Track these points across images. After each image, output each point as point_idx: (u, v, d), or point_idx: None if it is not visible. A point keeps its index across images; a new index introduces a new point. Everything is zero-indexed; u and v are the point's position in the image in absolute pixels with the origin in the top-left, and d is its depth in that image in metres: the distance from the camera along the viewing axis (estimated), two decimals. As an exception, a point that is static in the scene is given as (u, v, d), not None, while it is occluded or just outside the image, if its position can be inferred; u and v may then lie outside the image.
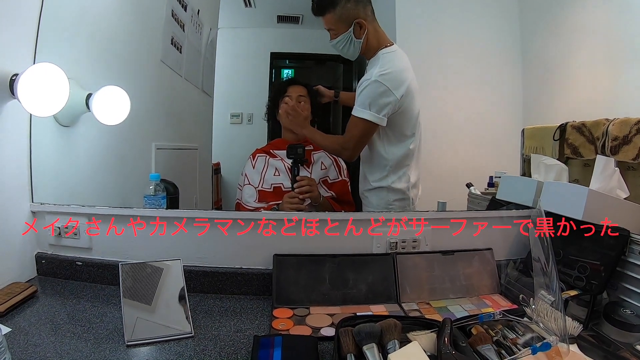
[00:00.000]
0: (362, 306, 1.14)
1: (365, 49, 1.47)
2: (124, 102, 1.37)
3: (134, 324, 0.94)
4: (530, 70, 2.17)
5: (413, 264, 1.22)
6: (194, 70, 2.32)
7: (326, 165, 1.71)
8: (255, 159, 1.72)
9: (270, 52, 3.44)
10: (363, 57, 1.50)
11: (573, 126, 1.49)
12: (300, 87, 1.76)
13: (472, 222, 1.32)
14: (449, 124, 2.10)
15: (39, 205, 1.28)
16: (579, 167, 1.47)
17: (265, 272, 1.21)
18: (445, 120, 2.08)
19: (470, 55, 2.20)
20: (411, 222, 1.28)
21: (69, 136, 1.38)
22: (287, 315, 1.08)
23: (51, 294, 1.17)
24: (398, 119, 1.47)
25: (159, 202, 1.32)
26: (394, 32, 2.19)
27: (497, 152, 2.22)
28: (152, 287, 0.98)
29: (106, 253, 1.27)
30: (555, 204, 1.18)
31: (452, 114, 2.09)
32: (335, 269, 1.19)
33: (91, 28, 1.46)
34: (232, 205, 1.80)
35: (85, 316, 1.04)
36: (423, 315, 1.09)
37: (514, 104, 2.24)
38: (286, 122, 1.62)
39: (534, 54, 2.16)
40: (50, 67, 1.07)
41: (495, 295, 1.22)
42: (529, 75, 2.17)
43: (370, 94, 1.40)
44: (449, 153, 2.02)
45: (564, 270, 1.11)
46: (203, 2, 2.33)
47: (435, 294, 1.20)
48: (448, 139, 2.09)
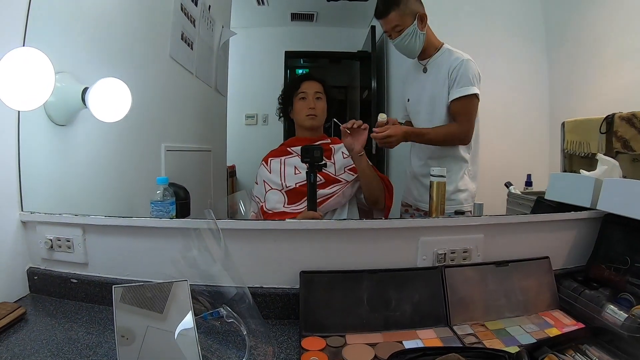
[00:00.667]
0: (407, 331, 0.98)
1: (427, 42, 1.55)
2: (124, 97, 1.22)
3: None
4: (558, 50, 2.10)
5: (464, 278, 1.06)
6: (207, 68, 2.24)
7: (346, 154, 1.57)
8: (269, 164, 1.59)
9: (285, 51, 3.36)
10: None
11: (622, 117, 1.41)
12: (316, 83, 1.63)
13: (527, 227, 1.19)
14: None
15: (29, 215, 1.15)
16: (627, 163, 1.39)
17: (291, 293, 1.05)
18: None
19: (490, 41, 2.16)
20: (462, 229, 1.12)
21: (65, 136, 1.25)
22: (319, 346, 0.91)
23: (42, 316, 1.05)
24: None
25: (167, 208, 1.18)
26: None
27: (524, 147, 2.17)
28: (152, 317, 0.81)
29: (104, 269, 1.13)
30: (619, 205, 1.09)
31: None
32: (374, 287, 1.01)
33: (89, 16, 1.33)
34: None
35: (77, 347, 0.90)
36: (480, 340, 0.94)
37: (539, 93, 2.14)
38: (381, 145, 1.53)
39: (561, 32, 2.07)
40: (32, 52, 0.92)
41: (556, 311, 1.06)
42: (555, 57, 2.08)
43: (472, 71, 1.49)
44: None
45: (633, 280, 1.01)
46: (214, -2, 2.21)
47: (490, 313, 1.04)
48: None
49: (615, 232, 1.10)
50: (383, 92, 2.95)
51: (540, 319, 1.03)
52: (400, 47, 1.55)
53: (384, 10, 1.51)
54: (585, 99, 1.86)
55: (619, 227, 1.10)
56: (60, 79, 1.12)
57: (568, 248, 1.20)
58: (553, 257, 1.12)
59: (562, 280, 1.11)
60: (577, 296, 1.05)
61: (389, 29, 1.53)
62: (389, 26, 1.52)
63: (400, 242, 1.09)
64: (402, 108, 1.77)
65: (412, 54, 1.58)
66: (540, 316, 1.04)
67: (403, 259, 1.09)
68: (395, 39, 1.53)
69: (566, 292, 1.08)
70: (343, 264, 1.05)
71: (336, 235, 1.08)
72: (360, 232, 1.09)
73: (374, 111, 3.00)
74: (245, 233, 1.08)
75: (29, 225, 1.16)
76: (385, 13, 1.51)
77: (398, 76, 2.72)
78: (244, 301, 0.93)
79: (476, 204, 1.50)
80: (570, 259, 1.20)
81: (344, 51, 3.43)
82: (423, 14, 1.51)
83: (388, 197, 1.52)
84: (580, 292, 1.05)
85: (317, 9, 3.19)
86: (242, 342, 0.87)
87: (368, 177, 1.47)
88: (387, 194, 1.52)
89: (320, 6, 3.11)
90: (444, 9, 2.09)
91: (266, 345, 0.88)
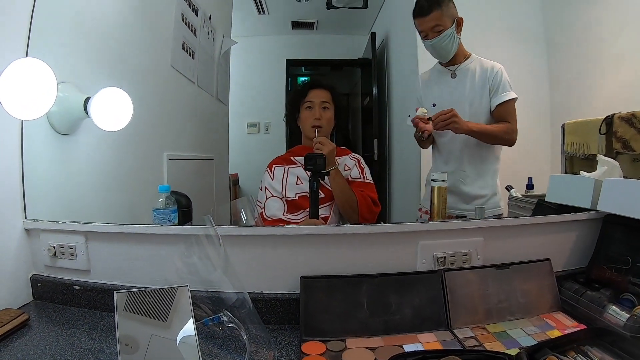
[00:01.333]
0: (408, 335, 0.97)
1: (459, 48, 1.59)
2: (125, 106, 1.24)
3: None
4: (558, 52, 2.09)
5: (464, 281, 1.05)
6: (208, 77, 2.26)
7: (349, 166, 1.56)
8: (272, 171, 1.59)
9: (286, 59, 3.38)
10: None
11: (621, 117, 1.39)
12: (324, 91, 1.60)
13: (527, 230, 1.18)
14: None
15: (33, 222, 1.16)
16: (628, 163, 1.38)
17: (291, 298, 1.04)
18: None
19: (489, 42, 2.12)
20: (462, 232, 1.11)
21: (67, 145, 1.26)
22: (319, 351, 0.91)
23: (45, 323, 1.05)
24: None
25: (169, 215, 1.19)
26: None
27: (524, 150, 2.11)
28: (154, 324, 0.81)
29: (106, 276, 1.13)
30: (619, 205, 1.09)
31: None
32: (374, 292, 1.01)
33: (91, 28, 1.35)
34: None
35: (80, 353, 0.90)
36: (481, 343, 0.93)
37: (539, 96, 2.14)
38: (440, 127, 1.50)
39: (561, 33, 2.08)
40: (34, 63, 0.93)
41: (557, 313, 1.06)
42: (555, 58, 2.10)
43: (507, 78, 1.56)
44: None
45: (635, 280, 0.99)
46: (215, 8, 2.26)
47: (492, 316, 1.04)
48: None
49: (616, 233, 1.10)
50: (384, 99, 2.95)
51: (541, 321, 1.02)
52: (437, 47, 1.55)
53: (427, 8, 1.51)
54: (585, 100, 1.85)
55: (619, 227, 1.09)
56: (63, 88, 1.13)
57: (569, 249, 1.19)
58: (554, 258, 1.11)
59: (564, 281, 1.10)
60: (579, 297, 1.04)
61: (427, 29, 1.53)
62: (428, 25, 1.52)
63: (400, 246, 1.09)
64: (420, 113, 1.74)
65: (446, 57, 1.59)
66: (541, 318, 1.03)
67: (403, 263, 1.08)
68: (432, 39, 1.54)
69: (567, 293, 1.08)
70: (343, 269, 1.05)
71: (335, 240, 1.08)
72: (359, 237, 1.09)
73: (376, 118, 3.00)
74: (246, 239, 1.08)
75: (33, 233, 1.17)
76: (428, 12, 1.51)
77: (399, 83, 2.73)
78: (245, 307, 0.93)
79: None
80: (571, 260, 1.19)
81: (345, 58, 3.45)
82: (461, 19, 1.55)
83: (364, 212, 1.46)
84: (582, 293, 1.05)
85: (318, 17, 3.21)
86: (243, 348, 0.87)
87: (335, 189, 1.45)
88: (361, 210, 1.46)
89: (321, 14, 3.12)
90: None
91: (267, 350, 0.88)
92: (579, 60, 1.96)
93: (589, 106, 1.80)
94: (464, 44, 1.61)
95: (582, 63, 1.93)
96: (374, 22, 3.16)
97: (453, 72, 1.63)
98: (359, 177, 1.54)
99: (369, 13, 3.01)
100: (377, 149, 2.93)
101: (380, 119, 2.96)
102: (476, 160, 1.61)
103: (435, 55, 1.61)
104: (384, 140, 2.90)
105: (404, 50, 2.58)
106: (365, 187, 1.51)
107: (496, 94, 1.56)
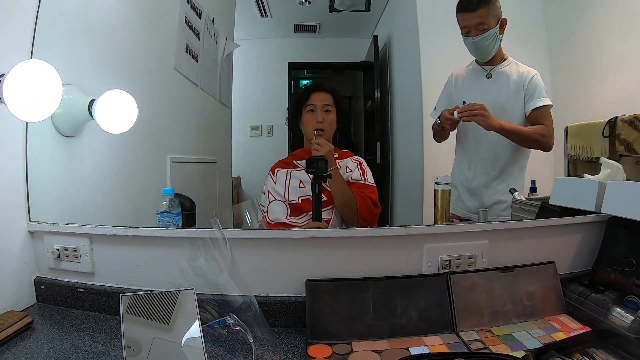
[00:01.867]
0: (414, 338, 0.97)
1: (498, 49, 1.59)
2: (130, 108, 1.24)
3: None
4: (560, 54, 2.09)
5: (470, 284, 1.05)
6: (211, 80, 2.26)
7: (351, 168, 1.56)
8: (275, 174, 1.59)
9: (288, 62, 3.39)
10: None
11: (624, 120, 1.38)
12: (326, 94, 1.60)
13: (532, 233, 1.17)
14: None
15: (37, 225, 1.15)
16: (631, 166, 1.36)
17: (297, 301, 1.04)
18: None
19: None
20: (467, 235, 1.11)
21: (72, 147, 1.26)
22: (326, 354, 0.90)
23: (49, 325, 1.05)
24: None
25: (173, 218, 1.18)
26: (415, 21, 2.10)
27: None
28: (158, 327, 0.81)
29: (110, 279, 1.13)
30: (623, 207, 1.08)
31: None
32: (379, 295, 1.01)
33: (95, 30, 1.35)
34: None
35: (84, 356, 0.90)
36: (487, 346, 0.93)
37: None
38: (467, 116, 1.51)
39: (563, 36, 2.08)
40: (39, 64, 0.93)
41: (562, 316, 1.05)
42: (558, 61, 2.09)
43: (542, 84, 1.56)
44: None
45: (639, 283, 1.00)
46: (218, 11, 2.26)
47: (497, 318, 1.03)
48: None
49: (620, 235, 1.10)
50: (387, 102, 2.95)
51: (546, 323, 1.02)
52: (479, 45, 1.55)
53: (476, 4, 1.50)
54: (588, 103, 1.85)
55: (623, 229, 1.09)
56: (68, 90, 1.13)
57: (573, 252, 1.19)
58: (558, 261, 1.11)
59: (568, 284, 1.10)
60: (584, 300, 1.04)
61: (471, 25, 1.52)
62: (473, 22, 1.51)
63: (405, 250, 1.08)
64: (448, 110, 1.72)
65: (486, 56, 1.59)
66: (546, 321, 1.03)
67: (408, 266, 1.08)
68: (475, 37, 1.53)
69: (572, 296, 1.07)
70: (348, 272, 1.04)
71: (341, 243, 1.08)
72: (365, 240, 1.09)
73: (378, 121, 3.00)
74: (251, 242, 1.08)
75: (37, 235, 1.16)
76: (476, 8, 1.50)
77: (401, 86, 2.73)
78: (251, 310, 0.93)
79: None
80: (575, 263, 1.18)
81: (347, 61, 3.45)
82: (505, 20, 1.53)
83: (364, 213, 1.46)
84: (587, 295, 1.04)
85: (320, 20, 3.22)
86: (249, 351, 0.87)
87: (334, 191, 1.45)
88: (361, 211, 1.45)
89: (323, 17, 3.14)
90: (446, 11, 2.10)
91: (273, 353, 0.88)
92: (581, 62, 1.96)
93: (592, 109, 1.80)
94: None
95: (584, 65, 1.93)
96: (377, 25, 3.17)
97: (489, 72, 1.63)
98: (359, 179, 1.53)
99: (371, 16, 3.01)
100: (379, 151, 2.93)
101: (383, 122, 2.96)
102: (501, 165, 1.61)
103: (474, 54, 1.61)
104: (387, 143, 2.90)
105: (406, 54, 2.59)
106: (366, 188, 1.50)
107: (531, 98, 1.56)
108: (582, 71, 1.94)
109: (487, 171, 1.62)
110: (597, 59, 1.85)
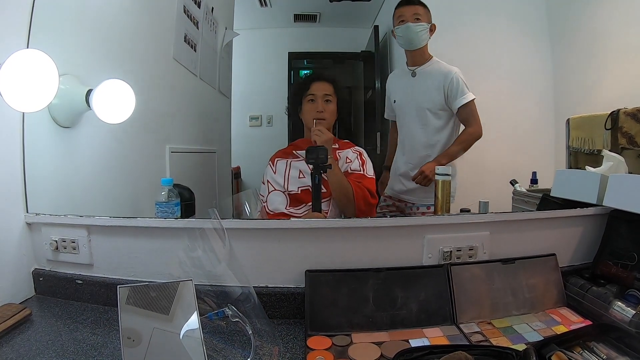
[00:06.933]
0: (414, 330, 0.97)
1: (422, 50, 1.75)
2: (128, 98, 1.23)
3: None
4: (562, 46, 2.10)
5: (470, 276, 1.05)
6: (210, 70, 2.24)
7: (351, 159, 1.55)
8: (275, 164, 1.57)
9: (288, 52, 3.36)
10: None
11: (627, 113, 1.39)
12: (326, 84, 1.57)
13: (533, 225, 1.17)
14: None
15: (34, 216, 1.15)
16: (633, 159, 1.36)
17: (296, 292, 1.04)
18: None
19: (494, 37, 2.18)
20: (468, 227, 1.11)
21: (69, 138, 1.25)
22: (325, 345, 0.90)
23: (48, 317, 1.05)
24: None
25: (172, 208, 1.18)
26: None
27: (529, 145, 2.16)
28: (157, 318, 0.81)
29: (109, 270, 1.13)
30: (625, 201, 1.08)
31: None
32: (380, 286, 1.00)
33: (93, 19, 1.34)
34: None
35: (83, 347, 0.90)
36: (487, 338, 0.93)
37: (544, 90, 2.12)
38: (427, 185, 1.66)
39: (566, 28, 2.07)
40: (36, 54, 0.92)
41: (563, 308, 1.05)
42: (560, 53, 2.10)
43: (463, 81, 1.69)
44: (476, 148, 1.84)
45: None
46: (217, 0, 2.20)
47: (498, 310, 1.03)
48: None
49: (621, 228, 1.09)
50: (387, 92, 2.93)
51: (547, 316, 1.02)
52: (411, 32, 1.68)
53: (415, 1, 1.69)
54: (590, 95, 1.85)
55: (625, 223, 1.09)
56: (65, 81, 1.12)
57: (574, 245, 1.18)
58: (559, 254, 1.11)
59: (569, 277, 1.10)
60: (584, 293, 1.04)
61: (409, 14, 1.68)
62: (411, 12, 1.68)
63: (406, 240, 1.08)
64: (389, 108, 1.94)
65: (414, 45, 1.71)
66: (547, 313, 1.03)
67: (409, 257, 1.08)
68: (410, 23, 1.67)
69: (573, 289, 1.07)
70: (348, 263, 1.04)
71: (341, 234, 1.07)
72: (365, 231, 1.08)
73: (379, 111, 2.98)
74: (250, 232, 1.07)
75: (34, 227, 1.16)
76: (414, 3, 1.69)
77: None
78: (249, 301, 0.92)
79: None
80: (576, 255, 1.18)
81: (348, 51, 3.42)
82: (434, 26, 1.71)
83: (360, 204, 1.45)
84: (587, 289, 1.04)
85: (320, 9, 3.18)
86: (248, 342, 0.86)
87: (331, 180, 1.44)
88: (358, 201, 1.45)
89: (323, 7, 3.10)
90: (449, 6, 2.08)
91: (272, 344, 0.88)
92: (583, 54, 1.95)
93: (594, 101, 1.79)
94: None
95: (586, 57, 1.92)
96: (377, 15, 3.13)
97: (413, 71, 1.78)
98: (358, 170, 1.52)
99: (371, 6, 2.99)
100: (379, 142, 2.91)
101: (383, 113, 2.94)
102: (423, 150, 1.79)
103: (403, 42, 1.73)
104: (387, 133, 2.88)
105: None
106: (363, 178, 1.49)
107: (455, 97, 1.69)
108: (585, 63, 1.94)
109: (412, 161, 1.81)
110: (600, 51, 1.84)
